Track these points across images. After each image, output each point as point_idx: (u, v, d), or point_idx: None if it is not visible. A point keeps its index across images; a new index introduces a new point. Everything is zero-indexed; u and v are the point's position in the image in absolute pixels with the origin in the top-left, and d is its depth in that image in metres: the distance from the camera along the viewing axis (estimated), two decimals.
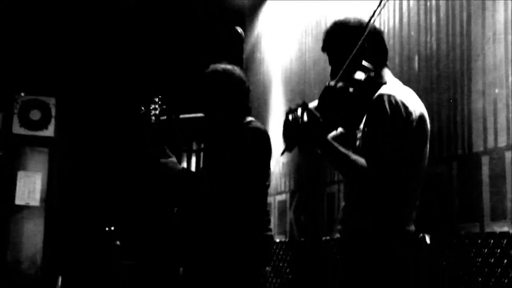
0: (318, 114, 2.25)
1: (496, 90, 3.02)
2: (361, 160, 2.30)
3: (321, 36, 2.63)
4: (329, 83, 2.30)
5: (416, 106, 2.38)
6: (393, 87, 2.41)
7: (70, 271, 6.45)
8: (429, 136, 2.44)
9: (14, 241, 6.81)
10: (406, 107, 2.30)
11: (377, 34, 2.52)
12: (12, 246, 6.81)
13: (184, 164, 7.02)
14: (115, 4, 6.32)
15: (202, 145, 6.37)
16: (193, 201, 3.34)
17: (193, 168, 6.87)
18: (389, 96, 2.31)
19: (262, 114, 5.45)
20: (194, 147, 6.93)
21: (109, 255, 6.05)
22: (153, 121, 3.26)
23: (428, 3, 3.58)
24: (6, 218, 6.82)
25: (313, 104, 2.32)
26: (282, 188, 5.17)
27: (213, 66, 3.37)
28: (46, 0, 6.31)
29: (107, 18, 6.51)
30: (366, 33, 2.36)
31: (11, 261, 6.77)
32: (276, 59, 5.53)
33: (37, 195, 6.90)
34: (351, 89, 2.28)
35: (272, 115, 5.44)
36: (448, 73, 3.37)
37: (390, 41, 3.85)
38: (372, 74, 2.34)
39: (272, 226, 3.43)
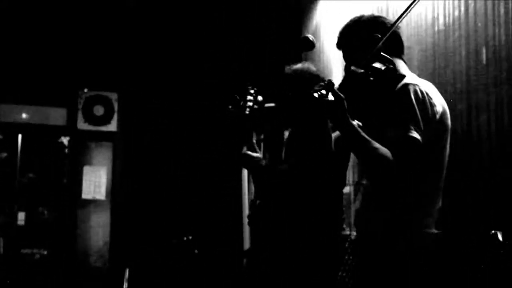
0: (343, 95, 2.22)
1: None
2: (383, 148, 2.24)
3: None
4: (352, 68, 2.29)
5: (439, 99, 2.38)
6: (416, 79, 2.42)
7: (137, 263, 6.55)
8: (449, 132, 2.42)
9: (82, 235, 6.98)
10: (430, 99, 2.31)
11: (392, 25, 2.48)
12: (80, 239, 6.97)
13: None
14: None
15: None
16: (275, 196, 3.35)
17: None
18: (414, 86, 2.31)
19: None
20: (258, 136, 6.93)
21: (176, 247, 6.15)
22: (247, 111, 3.25)
23: None
24: (73, 212, 6.98)
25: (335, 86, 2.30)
26: (346, 180, 5.10)
27: (295, 67, 3.36)
28: None
29: (173, 6, 6.56)
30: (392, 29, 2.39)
31: (79, 254, 6.92)
32: (335, 48, 5.44)
33: (103, 189, 7.05)
34: (371, 78, 2.27)
35: None
36: None
37: (455, 32, 3.74)
38: (391, 65, 2.33)
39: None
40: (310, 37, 2.97)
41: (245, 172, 6.79)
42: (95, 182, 7.02)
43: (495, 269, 3.25)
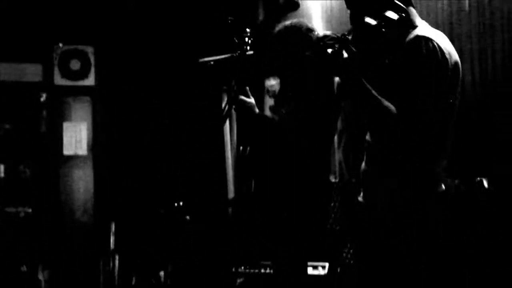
0: (356, 51, 2.13)
1: None
2: (392, 107, 2.19)
3: None
4: (366, 20, 2.17)
5: (451, 52, 2.31)
6: (428, 30, 2.32)
7: (123, 216, 6.56)
8: (460, 87, 2.36)
9: (66, 190, 6.93)
10: (442, 52, 2.22)
11: None
12: (64, 195, 6.93)
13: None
14: None
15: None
16: (266, 144, 3.37)
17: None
18: (426, 39, 2.22)
19: None
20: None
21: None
22: (247, 52, 3.21)
23: None
24: (56, 168, 6.93)
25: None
26: None
27: (287, 23, 3.34)
28: None
29: None
30: None
31: (64, 210, 6.89)
32: None
33: (84, 144, 6.97)
34: (383, 29, 2.17)
35: None
36: (502, 14, 3.23)
37: None
38: (404, 14, 2.22)
39: None
40: None
41: (226, 124, 6.78)
42: (76, 137, 6.95)
43: (482, 215, 3.31)
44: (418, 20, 2.40)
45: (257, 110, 3.29)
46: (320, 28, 5.23)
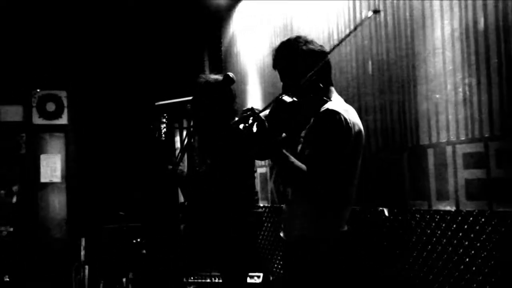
0: (267, 124, 2.16)
1: (437, 96, 3.09)
2: (304, 167, 2.25)
3: (288, 36, 2.59)
4: (281, 97, 2.23)
5: (356, 122, 2.36)
6: (338, 104, 2.38)
7: (91, 233, 6.51)
8: (362, 150, 2.44)
9: (43, 213, 6.90)
10: (347, 122, 2.27)
11: (324, 54, 2.47)
12: (42, 216, 6.90)
13: (177, 138, 7.05)
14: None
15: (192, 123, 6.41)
16: (199, 197, 3.43)
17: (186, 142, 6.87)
18: (333, 112, 2.27)
19: (240, 101, 5.43)
20: (185, 124, 6.94)
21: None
22: (162, 137, 3.28)
23: (378, 18, 3.58)
24: (34, 194, 6.90)
25: (264, 113, 2.25)
26: (262, 163, 5.23)
27: (206, 77, 3.42)
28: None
29: (111, 15, 6.41)
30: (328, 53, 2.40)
31: (41, 228, 6.86)
32: (250, 54, 5.50)
33: (58, 173, 6.95)
34: (300, 103, 2.23)
35: (249, 102, 5.46)
36: (397, 78, 3.40)
37: (347, 47, 3.86)
38: (320, 91, 2.33)
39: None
40: (230, 74, 3.00)
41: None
42: (51, 167, 6.92)
43: (383, 242, 3.44)
44: (334, 96, 2.47)
45: (185, 173, 3.39)
46: (256, 85, 5.36)
